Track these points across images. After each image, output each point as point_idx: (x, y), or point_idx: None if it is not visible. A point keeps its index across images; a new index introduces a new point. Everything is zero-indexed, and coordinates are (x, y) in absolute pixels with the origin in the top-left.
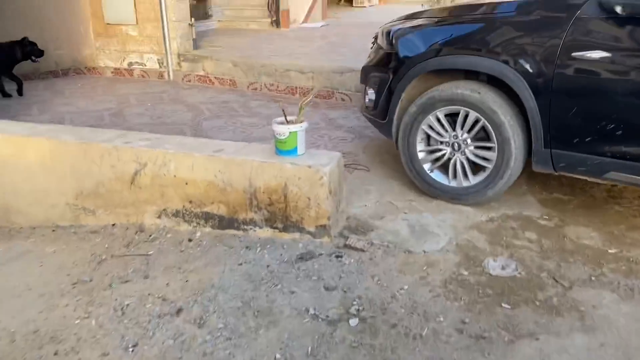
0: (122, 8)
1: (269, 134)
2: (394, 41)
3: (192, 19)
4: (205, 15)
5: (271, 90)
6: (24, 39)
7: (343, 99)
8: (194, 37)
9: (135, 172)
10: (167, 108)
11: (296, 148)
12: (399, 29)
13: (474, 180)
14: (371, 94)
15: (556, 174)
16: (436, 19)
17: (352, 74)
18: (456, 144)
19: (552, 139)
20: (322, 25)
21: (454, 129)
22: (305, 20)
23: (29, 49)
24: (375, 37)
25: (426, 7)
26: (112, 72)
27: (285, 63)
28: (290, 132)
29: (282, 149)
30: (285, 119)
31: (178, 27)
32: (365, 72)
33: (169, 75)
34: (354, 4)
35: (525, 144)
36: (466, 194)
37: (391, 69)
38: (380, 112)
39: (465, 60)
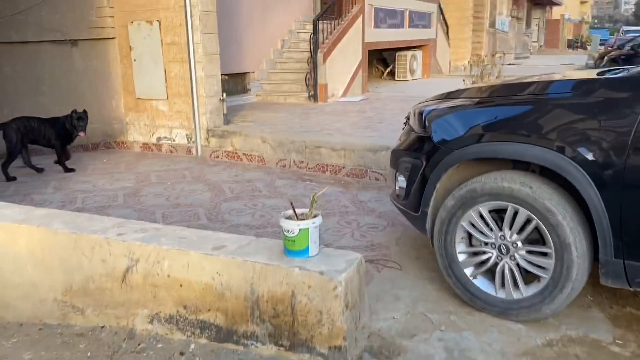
0: (153, 83)
1: None
2: (427, 123)
3: (224, 95)
4: (244, 90)
5: (300, 168)
6: (73, 111)
7: (377, 179)
8: (225, 112)
9: (126, 268)
10: (186, 187)
11: (307, 248)
12: (434, 110)
13: (526, 291)
14: (402, 181)
15: (631, 290)
16: (477, 100)
17: (387, 152)
18: (504, 247)
19: (625, 246)
20: (360, 100)
21: (500, 228)
22: (344, 94)
23: (76, 123)
24: (408, 118)
25: (467, 85)
26: (140, 147)
27: (316, 140)
28: (300, 230)
29: (291, 248)
30: (295, 213)
31: (208, 103)
32: (396, 156)
33: (196, 151)
34: (396, 77)
35: (591, 250)
36: (517, 309)
37: (424, 155)
38: (412, 203)
39: (511, 148)
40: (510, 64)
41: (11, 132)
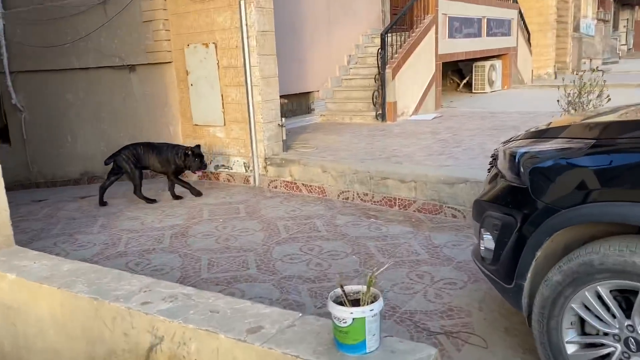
0: (210, 109)
1: (351, 270)
2: (523, 171)
3: (283, 120)
4: (308, 110)
5: (365, 201)
6: (197, 146)
7: (454, 216)
8: (284, 138)
9: (150, 346)
10: (239, 225)
11: (364, 342)
12: (530, 154)
13: None
14: (488, 240)
15: None
16: (590, 142)
17: (465, 185)
18: (632, 341)
19: None
20: (434, 117)
21: (627, 316)
22: (415, 112)
23: (190, 162)
24: (494, 157)
25: (563, 105)
26: (198, 176)
27: (382, 169)
28: (354, 319)
29: (343, 342)
30: (345, 296)
31: (266, 129)
32: (480, 208)
33: (254, 180)
34: (473, 90)
35: None
36: None
37: (520, 212)
38: (503, 272)
39: None
40: (598, 70)
41: (121, 161)
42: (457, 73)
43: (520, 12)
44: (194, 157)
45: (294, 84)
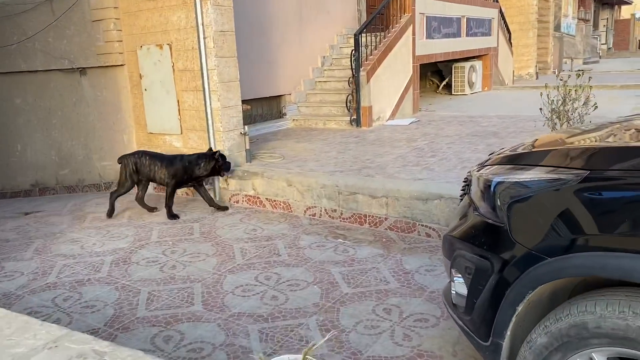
0: (165, 116)
1: (310, 304)
2: (499, 204)
3: (245, 127)
4: (279, 114)
5: (333, 218)
6: (216, 152)
7: (428, 235)
8: (247, 147)
9: None
10: (190, 249)
11: None
12: (508, 184)
13: None
14: (460, 284)
15: None
16: (581, 173)
17: (440, 201)
18: None
19: None
20: (411, 122)
21: None
22: (391, 116)
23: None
24: (466, 183)
25: (543, 123)
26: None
27: (352, 184)
28: None
29: None
30: None
31: (226, 138)
32: (450, 245)
33: (215, 194)
34: (453, 92)
35: None
36: None
37: (497, 256)
38: (478, 325)
39: None
40: (579, 70)
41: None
42: (436, 74)
43: (501, 12)
44: (219, 160)
45: (264, 87)
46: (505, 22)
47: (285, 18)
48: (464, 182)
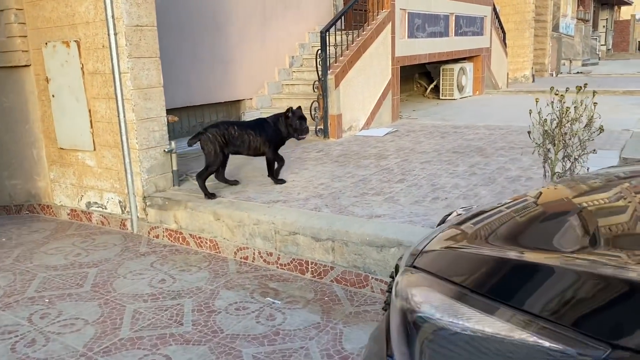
0: (76, 128)
1: None
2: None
3: (172, 143)
4: None
5: (268, 263)
6: (289, 109)
7: (383, 291)
8: (175, 167)
9: None
10: (68, 311)
11: None
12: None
13: None
14: None
15: None
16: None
17: (398, 250)
18: None
19: None
20: (387, 133)
21: None
22: (366, 125)
23: (296, 125)
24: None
25: (533, 151)
26: (68, 214)
27: (291, 221)
28: None
29: None
30: None
31: (144, 157)
32: None
33: (132, 226)
34: (441, 96)
35: None
36: None
37: None
38: None
39: None
40: (577, 72)
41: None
42: (425, 76)
43: (494, 9)
44: (296, 119)
45: (218, 90)
46: (499, 20)
47: (245, 12)
48: (390, 277)
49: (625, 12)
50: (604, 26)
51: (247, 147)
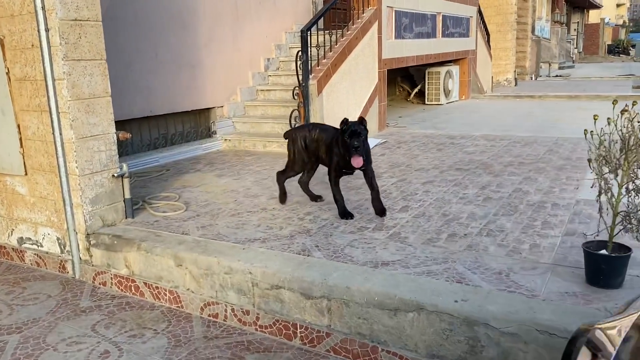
0: (2, 147)
1: None
2: None
3: (124, 166)
4: (208, 133)
5: (245, 324)
6: (344, 120)
7: None
8: (127, 195)
9: None
10: None
11: None
12: None
13: None
14: None
15: None
16: None
17: (419, 315)
18: None
19: None
20: (375, 145)
21: None
22: None
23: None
24: None
25: (593, 177)
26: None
27: (274, 270)
28: None
29: None
30: None
31: (86, 185)
32: None
33: (73, 269)
34: (427, 101)
35: None
36: None
37: None
38: None
39: None
40: (557, 75)
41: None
42: (407, 80)
43: (479, 10)
44: (347, 133)
45: (185, 97)
46: (483, 22)
47: (214, 8)
48: None
49: (593, 16)
50: (575, 29)
51: (317, 157)
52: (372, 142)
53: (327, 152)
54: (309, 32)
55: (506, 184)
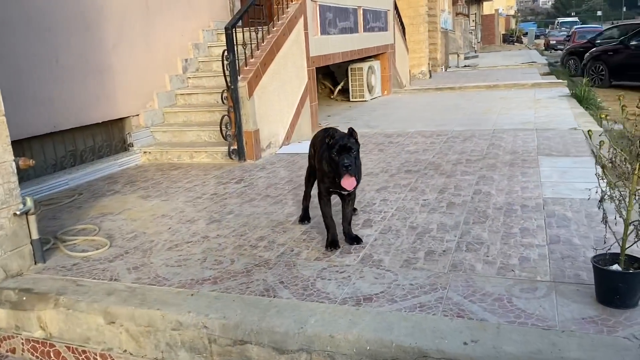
0: None
1: None
2: None
3: (28, 200)
4: (123, 146)
5: None
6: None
7: None
8: (35, 236)
9: None
10: None
11: None
12: None
13: None
14: None
15: None
16: None
17: None
18: None
19: None
20: None
21: None
22: (286, 140)
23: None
24: None
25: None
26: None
27: (235, 321)
28: None
29: None
30: None
31: None
32: None
33: None
34: (351, 98)
35: None
36: None
37: None
38: None
39: None
40: (465, 66)
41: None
42: (328, 77)
43: (395, 4)
44: (335, 149)
45: (93, 108)
46: (399, 15)
47: (122, 5)
48: None
49: (487, 8)
50: (473, 20)
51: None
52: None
53: (318, 165)
54: (234, 30)
55: (463, 186)
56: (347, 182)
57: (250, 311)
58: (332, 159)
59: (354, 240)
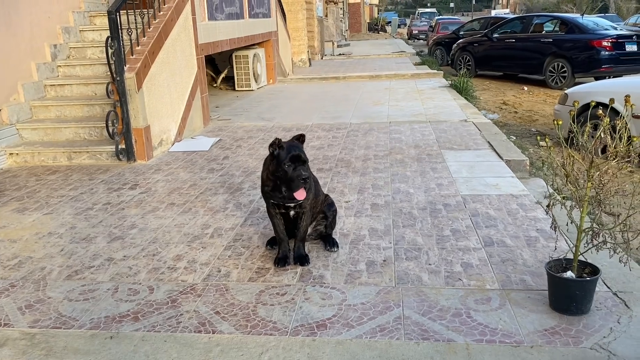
0: None
1: None
2: None
3: None
4: None
5: None
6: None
7: None
8: None
9: None
10: None
11: None
12: None
13: None
14: None
15: None
16: None
17: None
18: None
19: None
20: (212, 145)
21: None
22: (179, 136)
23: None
24: None
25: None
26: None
27: None
28: None
29: None
30: None
31: None
32: None
33: None
34: (237, 87)
35: None
36: None
37: None
38: None
39: None
40: (340, 54)
41: None
42: (210, 64)
43: None
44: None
45: None
46: (280, 1)
47: None
48: None
49: None
50: (341, 8)
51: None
52: (206, 142)
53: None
54: (118, 14)
55: (380, 184)
56: (300, 193)
57: (188, 353)
58: (284, 171)
59: (298, 259)
